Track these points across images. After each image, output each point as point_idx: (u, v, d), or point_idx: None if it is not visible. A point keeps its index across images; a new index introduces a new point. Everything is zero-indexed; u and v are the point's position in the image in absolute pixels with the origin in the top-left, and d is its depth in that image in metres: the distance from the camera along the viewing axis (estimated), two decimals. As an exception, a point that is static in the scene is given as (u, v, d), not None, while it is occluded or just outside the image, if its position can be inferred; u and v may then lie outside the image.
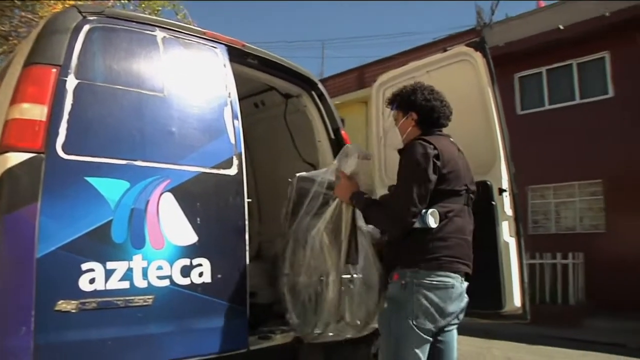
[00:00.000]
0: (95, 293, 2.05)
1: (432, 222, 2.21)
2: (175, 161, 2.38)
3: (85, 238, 2.06)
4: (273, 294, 3.19)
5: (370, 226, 2.62)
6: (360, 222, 2.56)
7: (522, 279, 2.89)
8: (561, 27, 10.81)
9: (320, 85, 3.57)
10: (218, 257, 2.46)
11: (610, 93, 10.98)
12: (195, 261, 2.38)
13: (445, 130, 3.13)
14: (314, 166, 3.89)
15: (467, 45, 3.19)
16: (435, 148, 2.28)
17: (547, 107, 12.10)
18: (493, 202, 2.94)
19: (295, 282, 2.66)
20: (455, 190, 2.34)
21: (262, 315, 2.94)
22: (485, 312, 2.96)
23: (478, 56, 3.11)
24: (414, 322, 2.19)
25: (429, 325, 2.21)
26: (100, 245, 2.10)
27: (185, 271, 2.33)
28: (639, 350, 6.95)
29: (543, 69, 12.03)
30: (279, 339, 2.82)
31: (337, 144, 3.57)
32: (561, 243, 10.49)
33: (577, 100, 11.54)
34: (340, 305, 2.55)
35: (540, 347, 7.16)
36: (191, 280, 2.35)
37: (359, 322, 2.65)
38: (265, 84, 3.66)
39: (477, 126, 3.10)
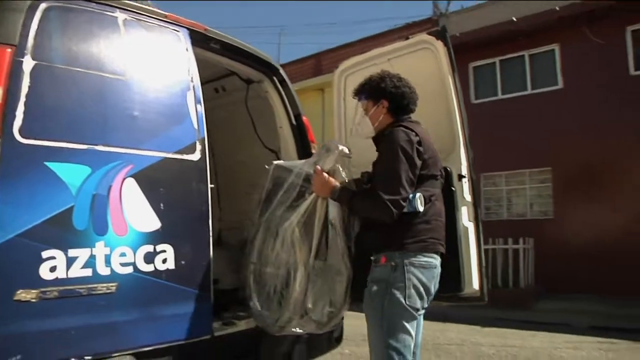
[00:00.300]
0: (57, 281, 1.99)
1: (420, 206, 2.30)
2: (138, 146, 2.33)
3: (45, 225, 1.99)
4: (236, 281, 3.20)
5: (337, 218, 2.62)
6: (333, 216, 2.58)
7: (480, 262, 2.98)
8: (514, 19, 11.10)
9: (282, 71, 3.56)
10: (182, 244, 2.44)
11: (560, 84, 11.37)
12: (159, 247, 2.34)
13: None
14: (275, 152, 3.88)
15: (429, 33, 3.24)
16: (417, 134, 2.36)
17: (500, 96, 12.44)
18: (453, 188, 3.01)
19: (262, 271, 2.66)
20: (434, 175, 2.45)
21: (225, 302, 2.94)
22: (446, 294, 3.05)
23: (439, 45, 3.16)
24: (407, 302, 2.27)
25: (418, 304, 2.31)
26: (61, 232, 2.04)
27: (149, 258, 2.30)
28: (583, 329, 7.34)
29: (496, 60, 12.34)
30: (243, 325, 2.83)
31: (299, 130, 3.58)
32: (512, 229, 10.85)
33: (529, 91, 11.91)
34: (305, 300, 2.55)
35: (493, 329, 7.42)
36: (155, 267, 2.32)
37: (323, 318, 2.66)
38: (226, 69, 3.62)
39: (438, 113, 3.16)
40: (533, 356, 5.72)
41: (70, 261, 2.04)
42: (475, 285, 2.95)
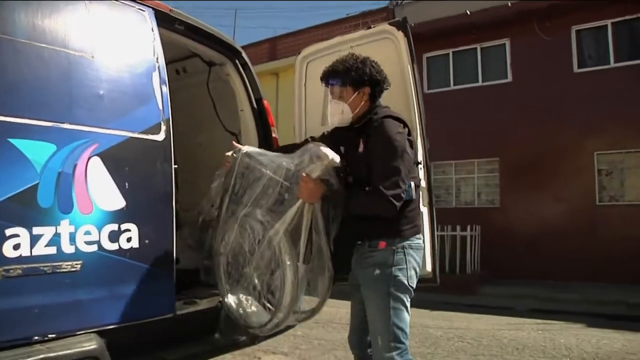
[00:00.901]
0: (21, 259, 1.97)
1: (414, 194, 2.44)
2: (104, 125, 2.32)
3: (9, 202, 1.96)
4: (194, 260, 3.23)
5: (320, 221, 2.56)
6: (316, 220, 2.52)
7: (433, 245, 3.12)
8: (468, 12, 11.39)
9: (244, 55, 3.58)
10: (145, 223, 2.45)
11: (509, 78, 11.77)
12: (124, 226, 2.36)
13: None
14: (236, 135, 3.91)
15: (390, 24, 3.32)
16: (404, 124, 2.43)
17: (452, 87, 12.76)
18: None
19: (236, 268, 2.68)
20: (417, 162, 2.60)
21: (185, 281, 2.97)
22: None
23: (400, 35, 3.25)
24: (409, 282, 2.38)
25: (414, 284, 2.42)
26: (26, 210, 2.02)
27: (114, 236, 2.31)
28: (524, 311, 7.77)
29: (450, 51, 12.63)
30: (204, 304, 2.88)
31: (260, 114, 3.61)
32: (461, 216, 11.22)
33: (480, 83, 12.27)
34: (294, 304, 2.53)
35: (441, 312, 7.71)
36: (119, 246, 2.33)
37: (305, 314, 2.73)
38: (188, 51, 3.60)
39: (396, 102, 3.24)
40: (478, 337, 5.99)
41: (34, 239, 2.03)
42: (429, 267, 3.09)
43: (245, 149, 2.72)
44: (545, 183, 10.75)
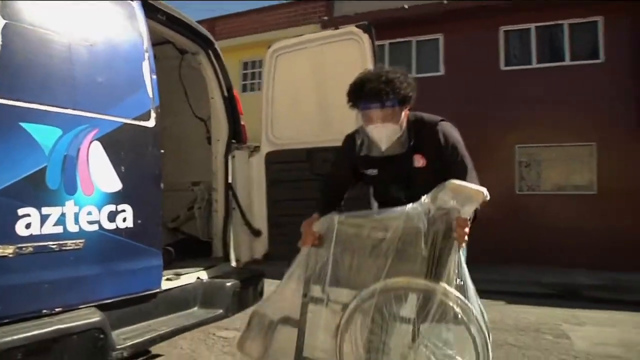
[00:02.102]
0: (32, 238, 2.09)
1: None
2: (103, 111, 2.44)
3: (22, 183, 2.07)
4: (168, 238, 3.41)
5: None
6: None
7: None
8: (406, 6, 11.87)
9: (216, 45, 3.74)
10: (138, 204, 2.60)
11: (442, 71, 12.41)
12: (120, 207, 2.50)
13: (331, 102, 3.59)
14: (204, 121, 4.08)
15: (357, 26, 3.61)
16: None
17: (387, 78, 13.22)
18: None
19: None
20: None
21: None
22: None
23: (365, 37, 3.55)
24: None
25: None
26: (36, 190, 2.13)
27: (112, 216, 2.45)
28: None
29: (386, 42, 13.07)
30: (184, 279, 3.07)
31: (230, 102, 3.80)
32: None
33: (414, 75, 12.79)
34: None
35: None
36: (116, 225, 2.48)
37: None
38: (161, 38, 3.70)
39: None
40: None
41: (43, 218, 2.14)
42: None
43: (337, 216, 2.32)
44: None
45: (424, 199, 2.08)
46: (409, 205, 2.09)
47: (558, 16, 11.00)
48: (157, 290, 2.76)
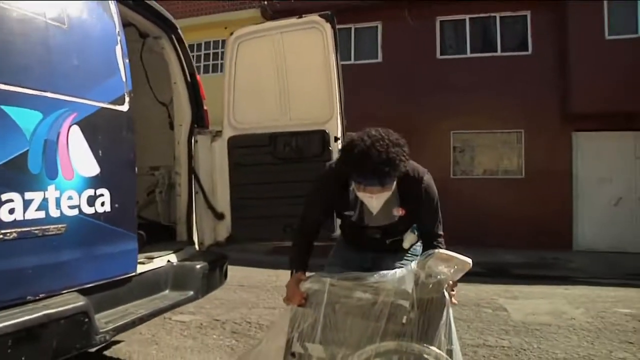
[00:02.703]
0: (15, 223, 2.07)
1: None
2: (81, 95, 2.42)
3: (4, 168, 2.04)
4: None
5: None
6: None
7: None
8: (346, -7, 12.01)
9: (180, 30, 3.72)
10: (115, 188, 2.61)
11: (379, 58, 12.69)
12: (98, 191, 2.50)
13: (292, 88, 3.68)
14: (166, 105, 4.05)
15: (320, 16, 3.69)
16: None
17: (327, 64, 13.36)
18: (330, 148, 3.58)
19: None
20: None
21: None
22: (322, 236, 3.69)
23: (327, 26, 3.65)
24: None
25: None
26: (19, 175, 2.10)
27: (91, 201, 2.45)
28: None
29: (327, 29, 13.16)
30: (156, 263, 3.10)
31: (193, 87, 3.81)
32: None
33: (352, 61, 13.01)
34: None
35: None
36: (95, 210, 2.48)
37: None
38: (124, 20, 3.64)
39: (320, 85, 3.67)
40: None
41: (26, 204, 2.13)
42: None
43: (329, 279, 2.30)
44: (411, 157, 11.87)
45: (413, 265, 2.15)
46: (398, 271, 2.17)
47: (490, 9, 11.51)
48: (133, 274, 2.78)
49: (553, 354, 4.16)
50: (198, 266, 3.27)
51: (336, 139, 3.64)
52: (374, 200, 2.22)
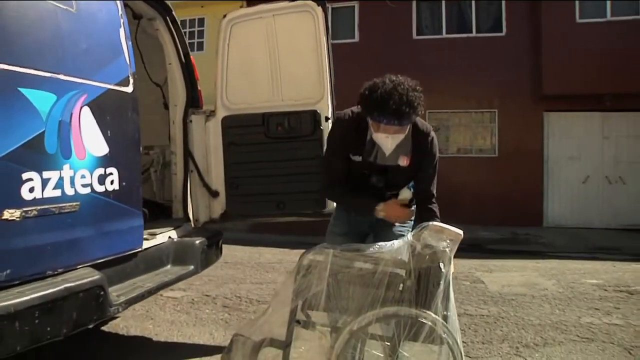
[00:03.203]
0: (35, 201, 2.16)
1: None
2: (90, 77, 2.49)
3: (23, 148, 2.12)
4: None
5: None
6: None
7: None
8: (324, -28, 11.99)
9: (174, 12, 3.77)
10: (123, 167, 2.71)
11: (356, 38, 12.77)
12: (108, 170, 2.60)
13: (284, 70, 3.77)
14: (160, 86, 4.11)
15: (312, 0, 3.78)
16: None
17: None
18: (321, 127, 3.70)
19: None
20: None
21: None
22: (310, 211, 3.85)
23: (319, 10, 3.74)
24: None
25: None
26: (37, 155, 2.18)
27: (101, 180, 2.55)
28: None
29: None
30: (159, 239, 3.21)
31: (187, 68, 3.87)
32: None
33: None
34: None
35: (301, 250, 8.56)
36: (105, 188, 2.58)
37: None
38: (120, 2, 3.68)
39: (311, 67, 3.78)
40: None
41: (44, 182, 2.21)
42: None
43: (332, 250, 2.37)
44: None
45: (409, 236, 2.29)
46: (396, 242, 2.30)
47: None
48: (139, 249, 2.89)
49: (528, 321, 4.44)
50: (197, 242, 3.38)
51: (327, 118, 3.76)
52: (390, 139, 2.42)
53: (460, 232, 2.29)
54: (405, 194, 2.68)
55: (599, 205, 11.16)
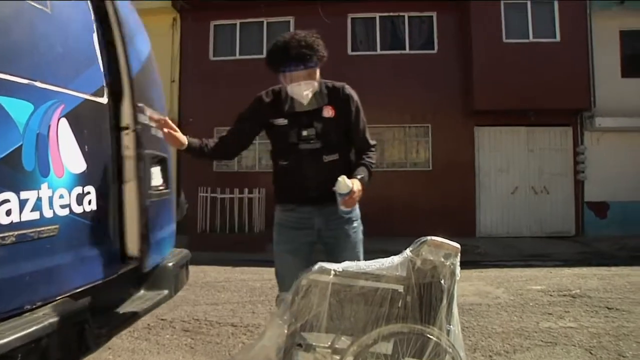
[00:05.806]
0: (12, 226, 1.87)
1: None
2: (66, 85, 2.22)
3: (0, 164, 1.85)
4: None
5: None
6: None
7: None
8: (259, -14, 11.94)
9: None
10: (100, 185, 2.45)
11: (292, 52, 12.71)
12: (86, 189, 2.32)
13: None
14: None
15: None
16: None
17: (238, 57, 13.20)
18: None
19: None
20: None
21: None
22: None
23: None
24: None
25: None
26: (14, 173, 1.90)
27: (79, 199, 2.27)
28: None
29: (237, 22, 13.01)
30: (133, 262, 2.93)
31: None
32: (243, 180, 11.93)
33: (264, 55, 12.91)
34: None
35: (245, 268, 8.32)
36: (83, 209, 2.30)
37: None
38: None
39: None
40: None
41: (22, 204, 1.92)
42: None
43: (334, 267, 2.31)
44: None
45: (407, 251, 2.25)
46: (395, 258, 2.25)
47: (399, 8, 12.06)
48: (115, 275, 2.62)
49: (492, 329, 4.53)
50: (170, 264, 3.15)
51: None
52: (302, 86, 2.58)
53: (458, 245, 2.28)
54: (342, 185, 2.52)
55: (527, 214, 11.77)
